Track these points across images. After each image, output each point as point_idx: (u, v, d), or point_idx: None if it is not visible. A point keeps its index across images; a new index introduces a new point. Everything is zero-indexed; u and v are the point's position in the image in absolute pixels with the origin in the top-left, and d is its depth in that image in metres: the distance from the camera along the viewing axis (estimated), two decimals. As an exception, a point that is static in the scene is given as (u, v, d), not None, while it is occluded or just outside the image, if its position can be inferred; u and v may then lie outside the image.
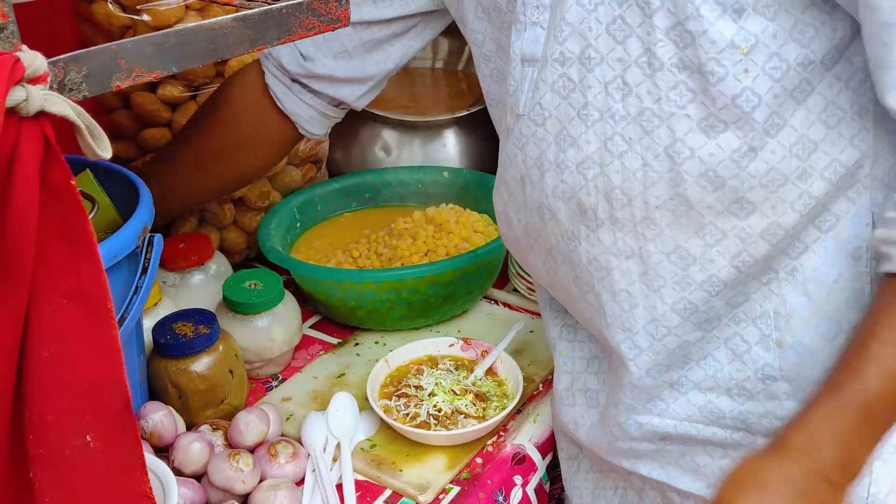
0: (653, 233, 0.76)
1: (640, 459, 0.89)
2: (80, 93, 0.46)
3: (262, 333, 1.14)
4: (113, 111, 1.23)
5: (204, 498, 0.96)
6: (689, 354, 0.81)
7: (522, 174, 0.82)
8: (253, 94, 1.08)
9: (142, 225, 0.90)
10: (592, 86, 0.74)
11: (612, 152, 0.75)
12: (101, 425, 0.50)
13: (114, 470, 0.52)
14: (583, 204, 0.78)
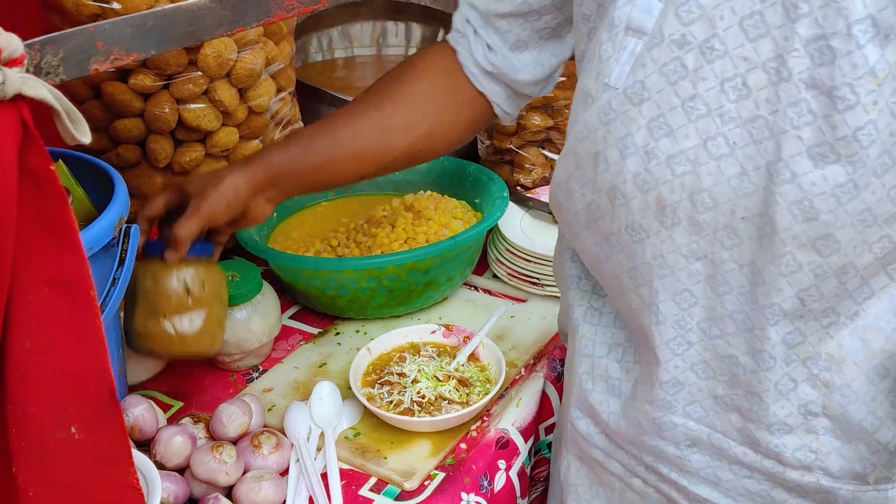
0: (731, 242, 0.72)
1: (663, 459, 0.86)
2: (57, 76, 0.45)
3: (242, 325, 1.13)
4: (84, 101, 1.21)
5: (187, 491, 0.95)
6: (737, 378, 0.78)
7: (599, 150, 0.76)
8: (445, 72, 0.99)
9: (118, 216, 0.88)
10: (707, 78, 0.68)
11: (710, 152, 0.70)
12: (86, 416, 0.49)
13: (100, 461, 0.51)
14: (663, 199, 0.73)
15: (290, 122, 1.39)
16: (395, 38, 1.99)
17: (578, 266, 0.94)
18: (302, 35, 1.91)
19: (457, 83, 0.99)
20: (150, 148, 1.22)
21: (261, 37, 1.22)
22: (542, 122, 1.43)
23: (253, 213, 1.01)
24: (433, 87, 0.99)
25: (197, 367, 1.19)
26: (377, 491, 0.97)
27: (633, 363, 0.87)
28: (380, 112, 0.99)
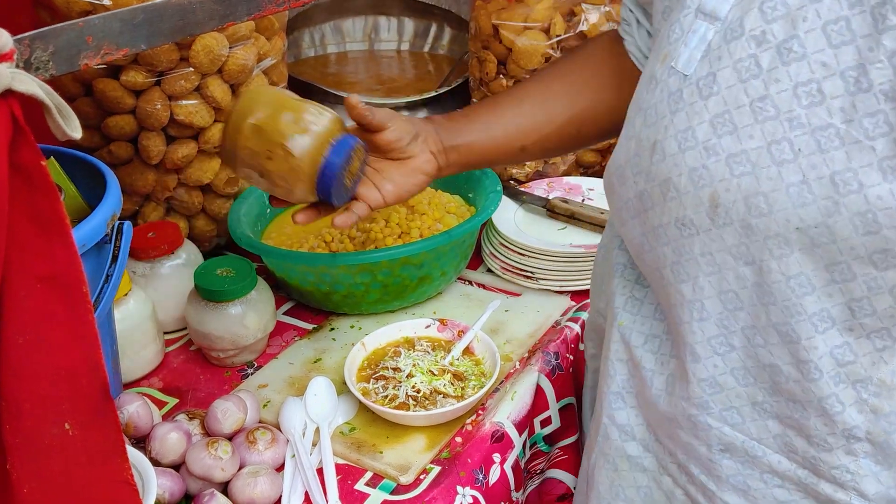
0: (781, 252, 0.70)
1: (694, 459, 0.84)
2: (47, 71, 0.45)
3: (236, 321, 1.13)
4: (75, 99, 1.21)
5: (183, 488, 0.95)
6: (779, 387, 0.76)
7: (658, 139, 0.75)
8: (612, 55, 0.99)
9: (110, 213, 0.88)
10: (781, 80, 0.67)
11: (773, 156, 0.67)
12: (80, 412, 0.49)
13: (94, 457, 0.51)
14: (717, 197, 0.71)
15: (283, 117, 1.39)
16: (387, 32, 1.99)
17: (625, 255, 0.92)
18: (294, 30, 1.91)
19: (623, 67, 0.97)
20: (142, 145, 1.21)
21: (252, 32, 1.22)
22: (535, 115, 1.43)
23: (416, 158, 0.97)
24: (600, 66, 1.00)
25: (191, 363, 1.19)
26: (373, 485, 0.97)
27: (668, 356, 0.85)
28: (544, 85, 1.00)
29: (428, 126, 0.99)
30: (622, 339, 0.89)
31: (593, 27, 1.36)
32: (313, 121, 0.85)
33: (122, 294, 1.10)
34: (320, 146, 0.85)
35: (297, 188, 0.87)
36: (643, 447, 0.90)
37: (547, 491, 1.24)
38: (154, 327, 1.15)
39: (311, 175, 0.86)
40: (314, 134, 0.84)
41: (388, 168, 0.97)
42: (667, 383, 0.84)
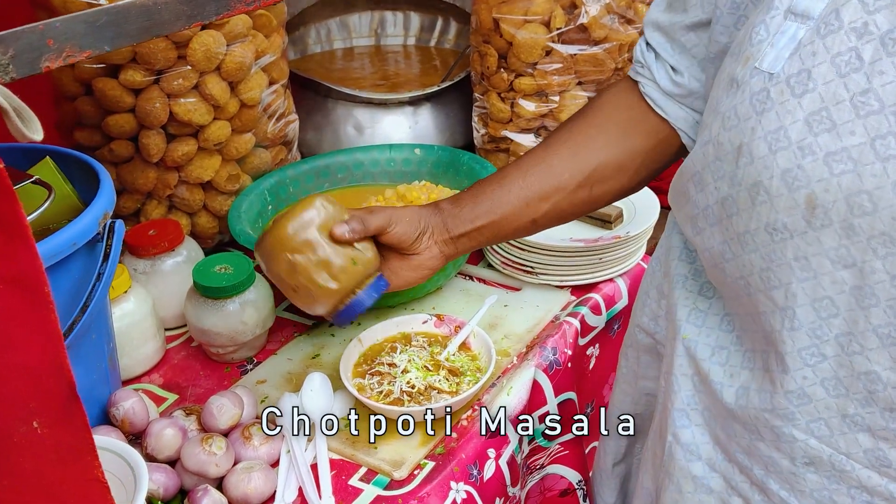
0: (886, 251, 0.67)
1: (775, 474, 0.81)
2: (7, 74, 0.46)
3: (234, 317, 1.13)
4: (75, 98, 1.22)
5: (178, 483, 0.96)
6: (874, 395, 0.73)
7: (744, 142, 0.72)
8: (622, 105, 0.97)
9: (102, 211, 0.89)
10: (886, 72, 0.64)
11: (877, 152, 0.65)
12: (48, 411, 0.50)
13: (64, 455, 0.52)
14: (814, 198, 0.68)
15: (284, 114, 1.39)
16: (393, 28, 1.99)
17: (686, 265, 0.90)
18: (300, 27, 1.91)
19: (636, 118, 0.96)
20: (142, 143, 1.22)
21: (250, 30, 1.23)
22: (537, 108, 1.43)
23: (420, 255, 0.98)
24: (604, 122, 0.97)
25: (192, 360, 1.20)
26: (367, 480, 0.97)
27: (738, 368, 0.82)
28: (548, 152, 0.98)
29: (435, 218, 0.98)
30: (687, 353, 0.87)
31: (594, 20, 1.35)
32: (343, 269, 0.92)
33: (121, 291, 1.11)
34: (345, 296, 0.93)
35: (313, 311, 0.96)
36: (709, 467, 0.87)
37: (549, 487, 1.24)
38: (154, 324, 1.16)
39: (329, 311, 0.95)
40: (343, 287, 0.92)
41: (392, 260, 0.99)
42: (738, 395, 0.81)
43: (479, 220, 0.97)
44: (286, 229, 0.91)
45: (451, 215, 0.98)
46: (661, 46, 0.92)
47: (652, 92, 0.94)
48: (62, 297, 0.87)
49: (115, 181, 1.27)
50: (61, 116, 1.27)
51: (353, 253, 0.93)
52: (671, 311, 0.90)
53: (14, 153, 1.02)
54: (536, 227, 1.00)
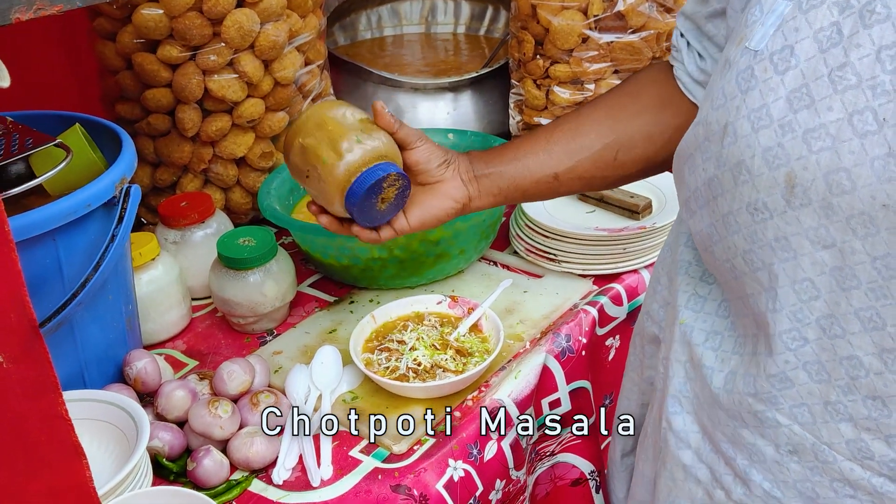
0: (866, 231, 0.65)
1: (759, 463, 0.80)
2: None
3: (255, 288, 1.16)
4: (117, 72, 1.27)
5: (184, 443, 0.99)
6: (856, 382, 0.71)
7: (729, 121, 0.71)
8: (658, 85, 0.97)
9: (120, 175, 0.93)
10: (863, 45, 0.62)
11: (855, 128, 0.63)
12: (11, 346, 0.52)
13: (27, 391, 0.54)
14: (793, 176, 0.67)
15: (321, 94, 1.42)
16: (443, 16, 2.00)
17: (691, 251, 0.90)
18: (351, 13, 1.94)
19: (667, 93, 0.96)
20: (178, 117, 1.27)
21: (284, 9, 1.25)
22: (571, 96, 1.41)
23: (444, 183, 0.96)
24: (640, 90, 0.98)
25: (215, 329, 1.23)
26: (367, 453, 0.99)
27: (729, 353, 0.81)
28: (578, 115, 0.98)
29: (461, 156, 0.98)
30: (683, 338, 0.86)
31: (630, 7, 1.33)
32: (348, 147, 0.89)
33: (149, 258, 1.15)
34: (349, 173, 0.90)
35: (330, 204, 0.93)
36: (697, 457, 0.86)
37: (560, 476, 1.23)
38: (180, 292, 1.20)
39: (338, 196, 0.91)
40: (346, 161, 0.89)
41: (416, 192, 0.96)
42: (726, 380, 0.80)
43: (503, 165, 0.97)
44: (302, 117, 0.92)
45: (478, 159, 0.98)
46: (689, 34, 0.92)
47: (682, 76, 0.94)
48: (78, 255, 0.91)
49: (152, 154, 1.32)
50: (104, 90, 1.32)
51: (362, 135, 0.90)
52: (673, 296, 0.90)
53: (49, 120, 1.07)
54: (558, 183, 0.98)
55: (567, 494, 1.22)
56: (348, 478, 0.95)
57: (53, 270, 0.89)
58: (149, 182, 1.34)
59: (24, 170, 1.00)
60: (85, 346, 0.98)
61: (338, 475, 0.95)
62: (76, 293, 0.89)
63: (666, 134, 0.95)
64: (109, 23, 1.25)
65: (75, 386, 0.99)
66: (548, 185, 0.98)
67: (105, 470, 0.88)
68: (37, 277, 0.87)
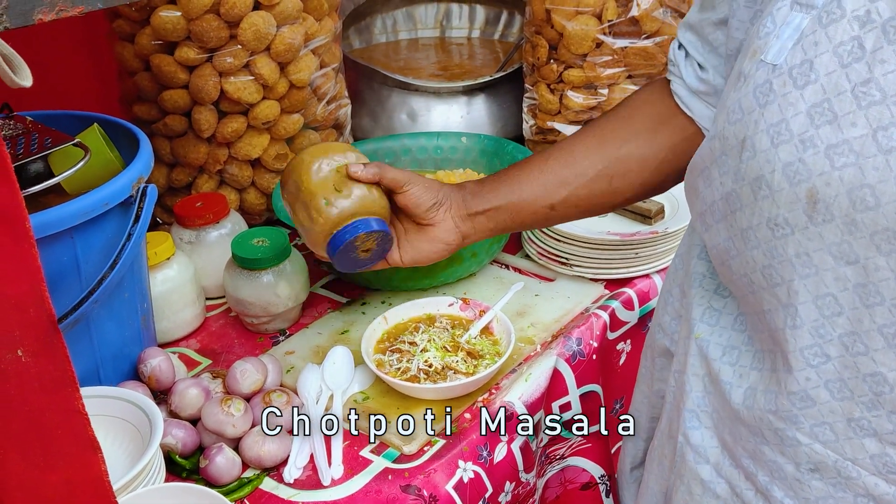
0: (890, 248, 0.65)
1: (780, 480, 0.79)
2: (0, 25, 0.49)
3: (268, 289, 1.17)
4: (135, 73, 1.28)
5: (197, 441, 1.00)
6: (880, 398, 0.70)
7: (747, 136, 0.71)
8: (658, 98, 0.97)
9: (137, 175, 0.94)
10: (888, 60, 0.62)
11: (880, 144, 0.63)
12: (31, 341, 0.53)
13: (46, 385, 0.55)
14: (815, 193, 0.66)
15: (335, 97, 1.43)
16: (458, 20, 2.00)
17: (705, 264, 0.89)
18: (366, 17, 1.95)
19: (660, 112, 0.96)
20: (194, 118, 1.28)
21: (300, 13, 1.27)
22: (585, 101, 1.42)
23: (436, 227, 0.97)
24: (632, 113, 0.98)
25: (229, 328, 1.24)
26: (377, 453, 0.99)
27: (748, 368, 0.81)
28: (572, 141, 0.98)
29: (455, 193, 0.98)
30: (699, 353, 0.85)
31: (645, 13, 1.33)
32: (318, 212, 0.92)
33: (164, 258, 1.16)
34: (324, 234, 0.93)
35: (317, 251, 0.97)
36: (716, 472, 0.85)
37: (570, 479, 1.23)
38: (194, 291, 1.21)
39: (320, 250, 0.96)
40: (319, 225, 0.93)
41: (411, 231, 0.98)
42: (745, 396, 0.80)
43: (498, 199, 0.97)
44: (287, 168, 0.95)
45: (472, 193, 0.98)
46: (690, 45, 0.91)
47: (679, 90, 0.93)
48: (95, 253, 0.92)
49: (169, 154, 1.33)
50: (123, 91, 1.34)
51: (334, 195, 0.92)
52: (687, 309, 0.89)
53: (68, 119, 1.08)
54: (555, 213, 0.99)
55: (577, 498, 1.22)
56: (359, 477, 0.96)
57: (71, 268, 0.90)
58: (165, 182, 1.35)
59: (42, 168, 1.02)
60: (101, 343, 1.00)
61: (348, 475, 0.96)
62: (93, 290, 0.90)
63: (661, 154, 0.95)
64: (128, 24, 1.26)
65: (90, 383, 1.00)
66: (545, 215, 0.99)
67: (119, 466, 0.89)
68: (55, 274, 0.89)
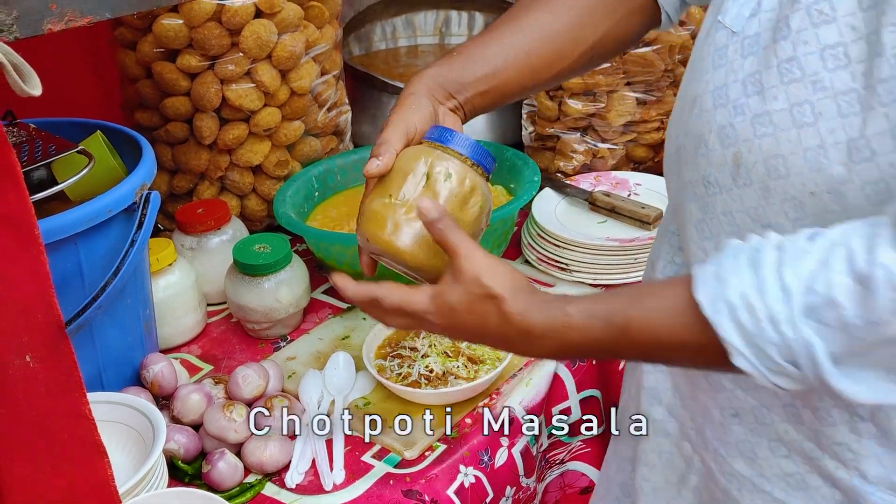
0: (796, 215, 0.69)
1: (710, 422, 0.85)
2: (10, 34, 0.50)
3: (269, 295, 1.18)
4: (137, 81, 1.29)
5: (199, 446, 1.00)
6: None
7: (698, 94, 0.75)
8: None
9: (140, 182, 0.94)
10: (809, 42, 0.66)
11: (794, 119, 0.67)
12: (38, 346, 0.54)
13: (53, 389, 0.56)
14: (740, 157, 0.71)
15: (336, 104, 1.44)
16: (457, 27, 2.01)
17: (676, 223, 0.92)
18: (365, 24, 1.96)
19: None
20: (196, 125, 1.29)
21: (301, 20, 1.28)
22: (583, 108, 1.43)
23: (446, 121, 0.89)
24: None
25: (230, 334, 1.25)
26: (379, 458, 1.00)
27: None
28: (551, 16, 0.92)
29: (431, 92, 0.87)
30: None
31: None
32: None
33: (166, 264, 1.17)
34: None
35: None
36: (668, 412, 0.90)
37: (569, 484, 1.24)
38: (196, 297, 1.21)
39: None
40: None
41: None
42: None
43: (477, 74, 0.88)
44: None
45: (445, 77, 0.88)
46: None
47: None
48: (99, 259, 0.93)
49: (170, 161, 1.34)
50: (125, 98, 1.35)
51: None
52: (654, 265, 0.93)
53: (71, 127, 1.09)
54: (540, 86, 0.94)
55: (576, 502, 1.22)
56: (360, 482, 0.96)
57: (74, 274, 0.91)
58: (166, 189, 1.36)
59: (46, 176, 1.02)
60: (103, 348, 1.00)
61: (350, 479, 0.97)
62: (96, 297, 0.91)
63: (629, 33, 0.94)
64: (130, 32, 1.27)
65: (93, 388, 1.00)
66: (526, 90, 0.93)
67: (122, 471, 0.90)
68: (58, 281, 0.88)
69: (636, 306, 0.67)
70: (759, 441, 0.80)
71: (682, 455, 0.90)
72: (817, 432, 0.75)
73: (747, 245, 0.64)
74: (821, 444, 0.76)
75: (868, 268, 0.58)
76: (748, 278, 0.62)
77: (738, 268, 0.63)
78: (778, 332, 0.60)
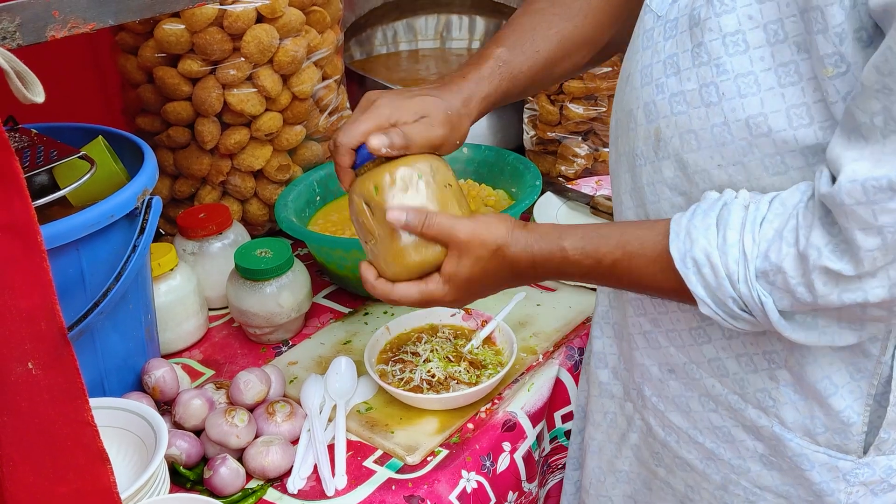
0: (705, 185, 0.77)
1: (648, 380, 0.92)
2: (13, 41, 0.50)
3: (271, 299, 1.18)
4: (138, 85, 1.29)
5: (201, 451, 1.00)
6: None
7: (631, 72, 0.82)
8: None
9: (141, 187, 0.94)
10: (713, 29, 0.73)
11: (703, 98, 0.74)
12: (41, 353, 0.54)
13: (56, 396, 0.56)
14: (659, 132, 0.79)
15: (337, 108, 1.44)
16: (458, 31, 2.01)
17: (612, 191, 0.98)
18: (366, 28, 1.96)
19: None
20: (197, 130, 1.29)
21: (303, 25, 1.28)
22: (585, 112, 1.43)
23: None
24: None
25: (232, 339, 1.25)
26: (381, 463, 1.00)
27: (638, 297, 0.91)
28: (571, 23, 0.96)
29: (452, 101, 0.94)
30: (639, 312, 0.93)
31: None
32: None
33: (167, 269, 1.17)
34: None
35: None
36: (613, 374, 0.99)
37: (572, 488, 1.24)
38: (197, 302, 1.21)
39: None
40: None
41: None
42: (634, 307, 0.91)
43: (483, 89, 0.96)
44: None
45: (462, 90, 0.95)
46: None
47: None
48: (101, 265, 0.93)
49: (172, 166, 1.34)
50: (126, 103, 1.35)
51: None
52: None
53: (73, 132, 1.09)
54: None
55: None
56: (362, 488, 0.96)
57: (76, 280, 0.91)
58: (168, 193, 1.36)
59: (48, 181, 1.02)
60: (105, 354, 1.00)
61: (352, 485, 0.96)
62: (98, 302, 0.91)
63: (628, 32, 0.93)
64: (132, 37, 1.27)
65: (95, 394, 1.00)
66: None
67: (124, 477, 0.90)
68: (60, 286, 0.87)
69: (621, 251, 0.78)
70: (692, 395, 0.88)
71: (624, 415, 0.98)
72: (742, 381, 0.83)
73: (720, 202, 0.73)
74: (745, 395, 0.83)
75: (804, 247, 0.67)
76: (713, 238, 0.71)
77: (707, 226, 0.72)
78: (735, 289, 0.70)
